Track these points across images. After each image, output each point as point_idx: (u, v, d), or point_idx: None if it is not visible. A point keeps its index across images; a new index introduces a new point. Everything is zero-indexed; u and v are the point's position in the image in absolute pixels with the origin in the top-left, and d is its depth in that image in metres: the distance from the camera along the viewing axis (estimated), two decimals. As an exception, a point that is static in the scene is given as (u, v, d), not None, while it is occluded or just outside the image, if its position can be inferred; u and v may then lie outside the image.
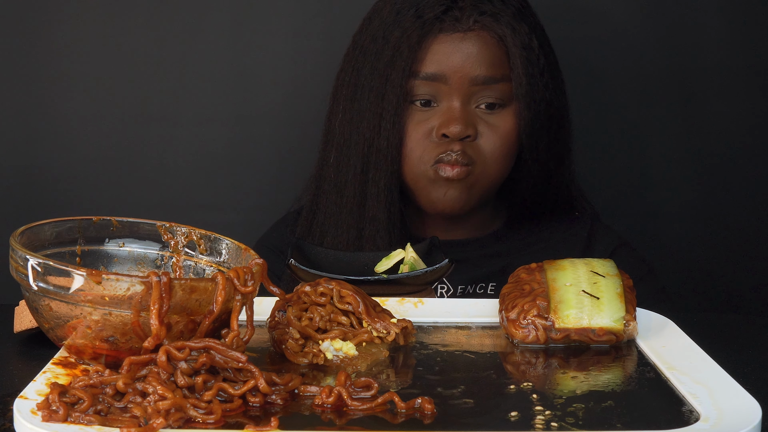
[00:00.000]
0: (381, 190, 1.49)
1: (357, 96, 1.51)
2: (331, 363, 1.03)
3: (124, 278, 0.95)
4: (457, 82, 1.47)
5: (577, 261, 1.15)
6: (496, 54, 1.48)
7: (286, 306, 1.07)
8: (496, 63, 1.48)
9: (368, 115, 1.49)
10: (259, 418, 0.89)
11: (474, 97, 1.48)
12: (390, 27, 1.49)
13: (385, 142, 1.48)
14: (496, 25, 1.48)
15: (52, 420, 0.86)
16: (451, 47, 1.47)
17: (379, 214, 1.50)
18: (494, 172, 1.51)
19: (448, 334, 1.13)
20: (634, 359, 1.06)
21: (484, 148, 1.49)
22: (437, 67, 1.47)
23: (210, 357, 0.92)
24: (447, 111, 1.48)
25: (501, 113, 1.49)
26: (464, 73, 1.47)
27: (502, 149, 1.50)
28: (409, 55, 1.47)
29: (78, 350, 0.99)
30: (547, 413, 0.91)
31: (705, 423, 0.89)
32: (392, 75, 1.48)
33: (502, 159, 1.50)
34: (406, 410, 0.91)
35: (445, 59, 1.47)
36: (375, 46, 1.50)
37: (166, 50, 1.84)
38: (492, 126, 1.49)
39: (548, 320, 1.09)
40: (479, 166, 1.49)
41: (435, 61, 1.47)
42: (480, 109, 1.49)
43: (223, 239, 1.12)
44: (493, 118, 1.49)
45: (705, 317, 1.37)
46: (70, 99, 1.84)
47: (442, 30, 1.48)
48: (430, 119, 1.48)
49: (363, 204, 1.51)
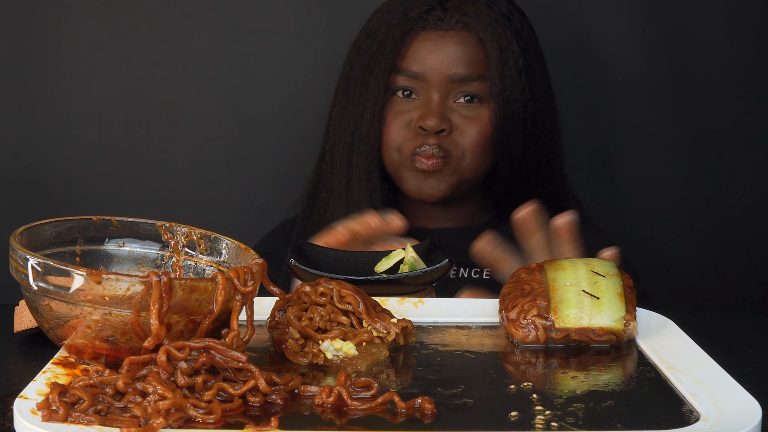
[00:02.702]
0: (362, 175, 1.59)
1: (348, 88, 1.61)
2: (331, 363, 1.03)
3: (124, 278, 0.95)
4: (435, 78, 1.55)
5: (577, 261, 1.15)
6: (474, 53, 1.56)
7: (286, 306, 1.07)
8: (474, 62, 1.56)
9: (353, 105, 1.59)
10: (259, 418, 0.89)
11: (452, 93, 1.56)
12: (380, 24, 1.58)
13: (366, 129, 1.58)
14: (477, 26, 1.55)
15: (52, 420, 0.86)
16: (432, 45, 1.56)
17: (361, 198, 1.59)
18: (471, 163, 1.58)
19: (448, 334, 1.13)
20: (634, 359, 1.06)
21: (459, 141, 1.57)
22: (418, 64, 1.56)
23: (210, 357, 0.92)
24: (425, 104, 1.56)
25: (478, 108, 1.57)
26: (443, 70, 1.55)
27: (478, 141, 1.57)
28: (392, 51, 1.56)
29: (78, 350, 0.99)
30: (547, 413, 0.91)
31: (705, 423, 0.89)
32: (376, 68, 1.57)
33: (478, 151, 1.57)
34: (406, 410, 0.91)
35: (426, 56, 1.56)
36: (366, 42, 1.59)
37: (166, 50, 1.84)
38: (468, 119, 1.56)
39: (548, 320, 1.09)
40: (455, 158, 1.56)
41: (416, 58, 1.56)
42: (458, 103, 1.56)
43: (223, 239, 1.12)
44: (469, 112, 1.57)
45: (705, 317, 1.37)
46: (70, 99, 1.84)
47: (425, 28, 1.56)
48: (410, 111, 1.57)
49: (348, 189, 1.60)
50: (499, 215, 1.65)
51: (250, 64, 1.85)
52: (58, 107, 1.84)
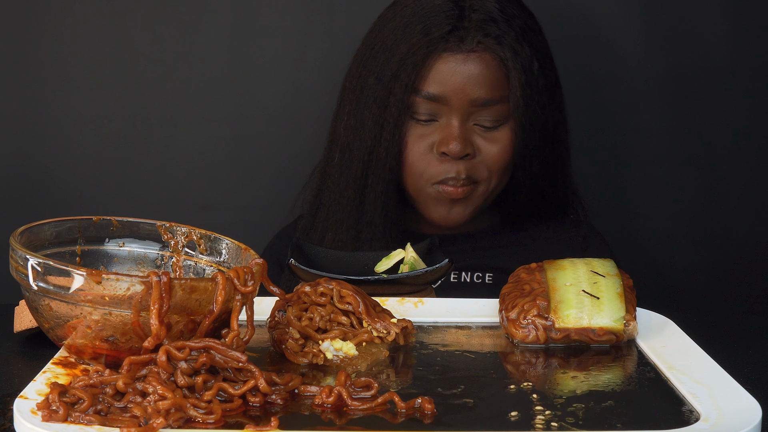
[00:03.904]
0: (378, 197, 1.54)
1: (362, 102, 1.55)
2: (331, 363, 1.03)
3: (124, 278, 0.95)
4: (457, 102, 1.51)
5: (577, 261, 1.15)
6: (496, 76, 1.51)
7: (286, 306, 1.07)
8: (496, 85, 1.52)
9: (370, 124, 1.54)
10: (259, 418, 0.89)
11: (473, 116, 1.52)
12: (398, 40, 1.53)
13: (384, 153, 1.53)
14: (499, 48, 1.51)
15: (52, 420, 0.86)
16: (453, 67, 1.51)
17: (375, 219, 1.55)
18: (495, 185, 1.56)
19: (448, 334, 1.13)
20: (634, 359, 1.06)
21: (484, 165, 1.53)
22: (439, 87, 1.51)
23: (210, 357, 0.92)
24: (446, 128, 1.52)
25: (499, 129, 1.53)
26: (464, 94, 1.51)
27: (502, 163, 1.54)
28: (413, 72, 1.51)
29: (78, 350, 0.99)
30: (547, 413, 0.91)
31: (705, 423, 0.89)
32: (395, 89, 1.52)
33: (502, 172, 1.55)
34: (406, 410, 0.91)
35: (447, 79, 1.51)
36: (382, 57, 1.54)
37: (166, 50, 1.84)
38: (490, 141, 1.53)
39: (548, 320, 1.09)
40: (482, 182, 1.54)
41: (437, 80, 1.51)
42: (479, 126, 1.53)
43: (223, 239, 1.12)
44: (490, 134, 1.53)
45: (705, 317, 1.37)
46: (70, 99, 1.84)
47: (447, 49, 1.51)
48: (431, 134, 1.53)
49: (361, 207, 1.55)
50: (503, 219, 1.64)
51: (250, 64, 1.85)
52: (59, 107, 1.84)
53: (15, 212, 1.84)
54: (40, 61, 1.83)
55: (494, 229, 1.63)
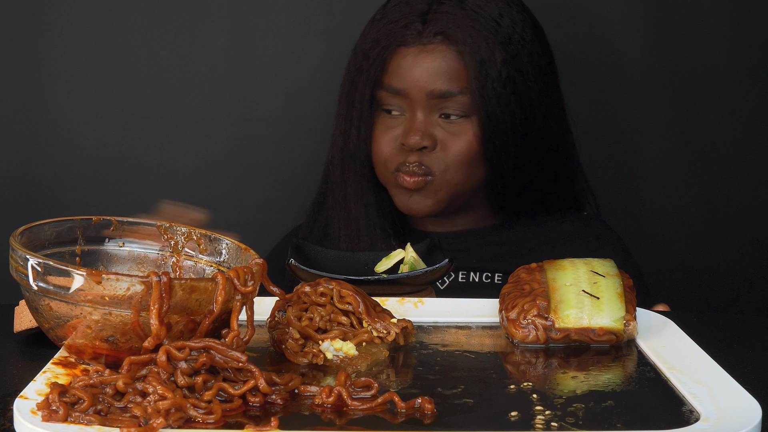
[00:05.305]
0: (356, 191, 1.58)
1: (339, 100, 1.59)
2: (331, 363, 1.03)
3: (124, 278, 0.95)
4: (416, 95, 1.52)
5: (577, 261, 1.15)
6: (454, 68, 1.52)
7: (286, 306, 1.07)
8: (454, 77, 1.52)
9: (341, 120, 1.58)
10: (259, 418, 0.89)
11: (435, 108, 1.53)
12: (365, 37, 1.57)
13: (354, 147, 1.57)
14: (456, 39, 1.51)
15: (52, 420, 0.86)
16: (410, 61, 1.53)
17: (357, 214, 1.58)
18: (456, 178, 1.55)
19: (448, 334, 1.13)
20: (634, 359, 1.06)
21: (442, 157, 1.53)
22: (399, 80, 1.53)
23: (210, 357, 0.92)
24: (408, 121, 1.54)
25: (462, 123, 1.54)
26: (422, 86, 1.52)
27: (462, 157, 1.54)
28: (374, 66, 1.54)
29: (78, 350, 0.99)
30: (547, 413, 0.91)
31: (705, 423, 0.89)
32: (360, 84, 1.55)
33: (463, 165, 1.54)
34: (406, 410, 0.91)
35: (406, 73, 1.53)
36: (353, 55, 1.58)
37: (166, 50, 1.84)
38: (454, 134, 1.53)
39: (548, 320, 1.09)
40: (437, 174, 1.54)
41: (397, 74, 1.53)
42: (442, 119, 1.54)
43: (223, 239, 1.12)
44: (453, 128, 1.53)
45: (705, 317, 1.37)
46: (70, 99, 1.84)
47: (405, 43, 1.53)
48: (397, 127, 1.55)
49: (345, 204, 1.59)
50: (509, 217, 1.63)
51: (250, 64, 1.85)
52: (58, 107, 1.84)
53: (15, 212, 1.84)
54: (40, 61, 1.83)
55: (499, 228, 1.63)
